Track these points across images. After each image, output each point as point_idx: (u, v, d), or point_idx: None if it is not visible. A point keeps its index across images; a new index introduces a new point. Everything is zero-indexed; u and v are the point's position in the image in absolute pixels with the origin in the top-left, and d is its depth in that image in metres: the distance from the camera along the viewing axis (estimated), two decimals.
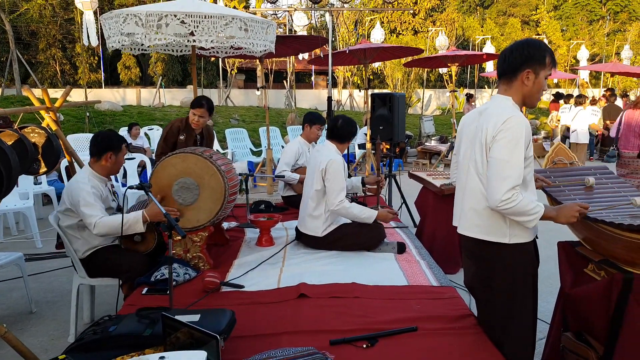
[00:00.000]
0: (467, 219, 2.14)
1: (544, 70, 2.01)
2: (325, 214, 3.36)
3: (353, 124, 3.57)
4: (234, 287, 2.74)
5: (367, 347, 2.10)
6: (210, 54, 5.62)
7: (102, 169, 3.12)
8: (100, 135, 3.18)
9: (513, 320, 2.11)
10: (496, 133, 1.93)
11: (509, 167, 1.90)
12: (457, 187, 2.29)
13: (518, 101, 2.06)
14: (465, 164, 2.15)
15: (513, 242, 2.04)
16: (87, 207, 2.85)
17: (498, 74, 2.12)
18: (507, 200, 1.88)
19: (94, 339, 1.94)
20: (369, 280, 2.81)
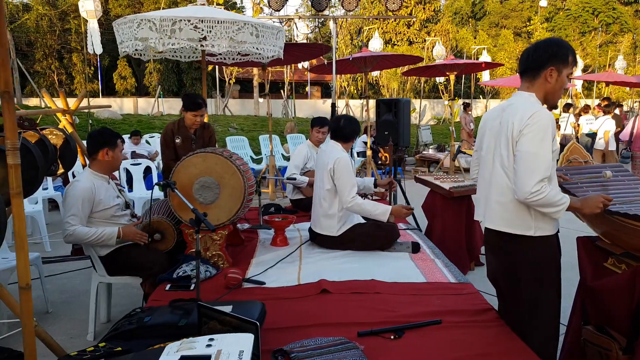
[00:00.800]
0: (492, 213, 2.20)
1: (566, 68, 2.08)
2: (339, 213, 3.40)
3: (355, 122, 3.61)
4: (255, 283, 2.78)
5: (394, 338, 2.14)
6: (218, 60, 5.68)
7: (101, 167, 3.16)
8: (94, 133, 3.23)
9: (538, 312, 2.15)
10: (523, 127, 1.99)
11: (538, 160, 1.95)
12: (480, 182, 2.34)
13: (540, 98, 2.12)
14: (490, 159, 2.21)
15: (538, 235, 2.09)
16: (69, 210, 2.93)
17: (520, 72, 2.18)
18: (536, 192, 1.94)
19: (129, 329, 1.97)
20: (387, 278, 2.85)
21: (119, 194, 3.24)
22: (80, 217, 2.93)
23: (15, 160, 1.56)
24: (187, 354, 1.39)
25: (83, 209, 2.94)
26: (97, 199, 3.01)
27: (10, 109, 1.51)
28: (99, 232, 2.93)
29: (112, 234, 2.96)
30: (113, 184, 3.24)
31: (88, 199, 2.96)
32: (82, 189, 2.96)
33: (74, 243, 3.01)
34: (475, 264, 4.67)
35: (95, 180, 3.06)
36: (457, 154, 4.79)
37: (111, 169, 3.22)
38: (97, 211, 3.02)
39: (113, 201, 3.12)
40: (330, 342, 1.95)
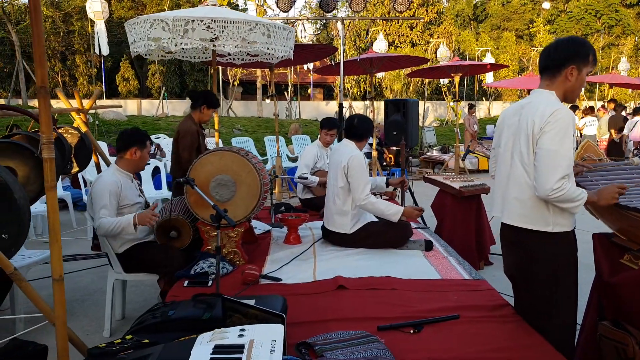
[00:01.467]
0: (510, 209, 2.22)
1: (586, 67, 2.11)
2: (352, 211, 3.43)
3: (369, 121, 3.65)
4: (272, 279, 2.80)
5: (413, 332, 2.17)
6: (227, 60, 5.71)
7: (127, 165, 3.21)
8: (126, 131, 3.30)
9: (555, 307, 2.18)
10: (544, 125, 2.02)
11: (559, 157, 1.98)
12: (497, 179, 2.37)
13: (560, 96, 2.15)
14: (508, 156, 2.24)
15: (556, 231, 2.12)
16: (98, 203, 2.97)
17: (540, 69, 2.22)
18: (557, 189, 1.97)
19: (154, 322, 2.00)
20: (402, 274, 2.88)
21: (140, 194, 3.28)
22: (109, 209, 2.97)
23: (50, 154, 1.59)
24: (220, 343, 1.42)
25: (111, 202, 2.98)
26: (122, 194, 3.05)
27: (46, 104, 1.54)
28: (116, 221, 2.94)
29: (128, 220, 2.96)
30: (136, 183, 3.27)
31: (115, 193, 3.01)
32: (109, 182, 3.00)
33: (101, 235, 3.02)
34: (484, 263, 4.69)
35: (120, 177, 3.11)
36: (466, 154, 4.81)
37: (136, 168, 3.27)
38: (122, 206, 3.06)
39: (136, 199, 3.16)
40: (352, 336, 1.98)
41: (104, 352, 1.75)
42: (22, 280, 2.23)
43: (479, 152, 8.15)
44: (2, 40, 19.73)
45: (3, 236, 2.33)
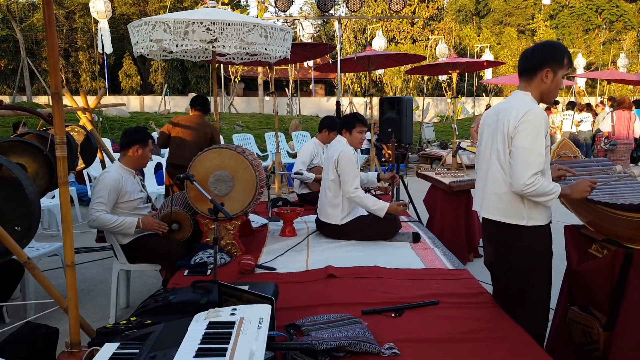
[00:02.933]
0: (488, 203, 2.39)
1: (562, 70, 2.25)
2: (342, 203, 3.61)
3: (352, 114, 3.82)
4: (267, 269, 2.99)
5: (395, 316, 2.35)
6: (227, 59, 5.89)
7: (129, 162, 3.40)
8: (130, 130, 3.48)
9: (528, 296, 2.33)
10: (518, 124, 2.17)
11: (532, 155, 2.14)
12: (478, 175, 2.53)
13: (536, 97, 2.29)
14: (487, 154, 2.40)
15: (530, 225, 2.27)
16: (95, 197, 3.16)
17: (519, 72, 2.36)
18: (530, 184, 2.13)
19: (156, 306, 2.18)
20: (389, 264, 3.06)
21: (142, 189, 3.47)
22: (106, 204, 3.15)
23: (63, 153, 1.78)
24: (214, 320, 1.60)
25: (109, 198, 3.17)
26: (123, 190, 3.23)
27: (60, 108, 1.72)
28: (120, 221, 3.15)
29: (132, 223, 3.18)
30: (138, 179, 3.46)
31: (115, 189, 3.19)
32: (111, 179, 3.19)
33: (97, 228, 3.23)
34: (474, 255, 4.87)
35: (123, 173, 3.30)
36: (457, 150, 4.97)
37: (138, 165, 3.46)
38: (122, 202, 3.25)
39: (137, 194, 3.35)
40: (337, 318, 2.17)
41: (111, 331, 1.94)
42: (34, 269, 2.41)
43: (474, 148, 8.29)
44: (6, 37, 19.96)
45: (16, 228, 2.52)
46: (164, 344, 1.60)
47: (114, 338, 1.85)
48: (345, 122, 3.75)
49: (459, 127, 14.70)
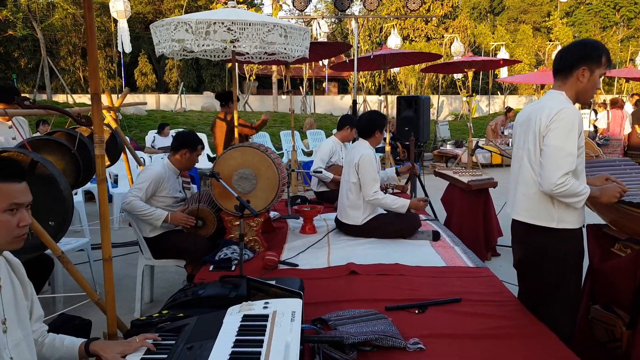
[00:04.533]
0: (518, 205, 2.38)
1: (599, 68, 2.20)
2: (364, 205, 3.66)
3: (375, 118, 3.81)
4: (289, 265, 3.05)
5: (418, 312, 2.39)
6: (246, 59, 5.95)
7: (176, 162, 3.52)
8: (181, 134, 3.62)
9: (557, 300, 2.31)
10: (550, 123, 2.15)
11: (564, 154, 2.11)
12: (511, 177, 2.51)
13: (572, 97, 2.26)
14: (519, 154, 2.39)
15: (560, 227, 2.25)
16: (138, 182, 3.28)
17: (554, 72, 2.34)
18: (560, 184, 2.10)
19: (186, 300, 2.25)
20: (410, 262, 3.10)
21: (182, 190, 3.56)
22: (143, 193, 3.28)
23: (102, 152, 1.84)
24: (248, 313, 1.66)
25: (149, 188, 3.29)
26: (164, 185, 3.37)
27: (99, 108, 1.79)
28: (151, 210, 3.25)
29: (161, 215, 3.27)
30: (181, 179, 3.56)
31: (156, 182, 3.32)
32: (156, 172, 3.33)
33: (128, 212, 3.31)
34: (491, 254, 4.88)
35: (168, 170, 3.43)
36: (475, 149, 4.98)
37: (184, 167, 3.60)
38: (160, 195, 3.37)
39: (175, 193, 3.47)
40: (362, 313, 2.21)
41: (145, 323, 2.00)
42: (68, 263, 2.50)
43: (492, 147, 8.29)
44: (25, 37, 20.29)
45: (50, 223, 2.61)
46: (199, 335, 1.66)
47: (148, 330, 1.92)
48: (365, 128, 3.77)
49: (474, 126, 14.64)
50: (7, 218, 1.42)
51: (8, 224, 1.42)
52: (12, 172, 1.45)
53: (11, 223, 1.43)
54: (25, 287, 1.64)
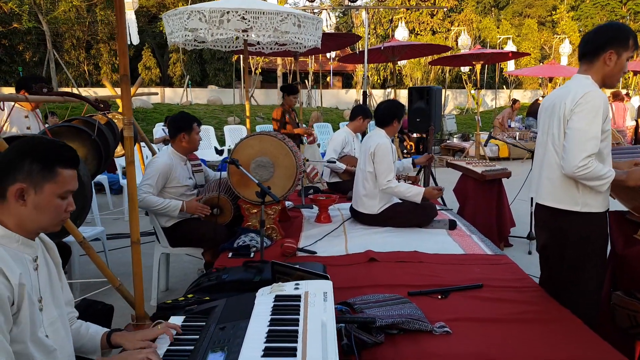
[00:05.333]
0: (542, 189, 2.38)
1: (626, 51, 2.18)
2: (380, 194, 3.65)
3: (395, 106, 3.80)
4: (308, 252, 3.05)
5: (441, 298, 2.39)
6: (257, 49, 5.94)
7: (179, 148, 3.48)
8: (173, 118, 3.55)
9: (580, 285, 2.31)
10: (575, 106, 2.14)
11: (587, 136, 2.10)
12: (534, 162, 2.51)
13: (598, 80, 2.24)
14: (543, 139, 2.38)
15: (585, 211, 2.24)
16: (146, 177, 3.25)
17: (579, 56, 2.31)
18: (583, 166, 2.09)
19: (210, 284, 2.25)
20: (428, 250, 3.09)
21: (192, 176, 3.55)
22: (154, 187, 3.24)
23: (130, 134, 1.84)
24: (280, 294, 1.66)
25: (158, 181, 3.26)
26: (172, 175, 3.32)
27: (128, 89, 1.79)
28: (166, 203, 3.24)
29: (177, 206, 3.27)
30: (189, 165, 3.54)
31: (164, 174, 3.28)
32: (162, 163, 3.28)
33: (143, 209, 3.31)
34: (504, 244, 4.88)
35: (174, 158, 3.39)
36: (488, 140, 4.96)
37: (189, 150, 3.54)
38: (170, 187, 3.34)
39: (185, 181, 3.44)
40: (387, 298, 2.21)
41: (172, 306, 2.01)
42: (89, 248, 2.51)
43: (500, 139, 8.27)
44: (29, 30, 20.27)
45: None
46: (231, 316, 1.66)
47: (176, 313, 1.92)
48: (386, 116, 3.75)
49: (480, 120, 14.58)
50: (59, 202, 1.45)
51: (59, 208, 1.46)
52: (73, 159, 1.48)
53: (61, 208, 1.46)
54: (58, 268, 1.65)
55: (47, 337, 1.47)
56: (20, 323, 1.36)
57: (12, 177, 1.39)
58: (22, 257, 1.44)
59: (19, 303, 1.35)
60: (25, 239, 1.46)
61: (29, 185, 1.40)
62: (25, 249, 1.46)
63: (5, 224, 1.42)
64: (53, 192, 1.43)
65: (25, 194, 1.40)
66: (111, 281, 2.53)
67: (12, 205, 1.40)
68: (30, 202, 1.41)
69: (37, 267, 1.50)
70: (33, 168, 1.40)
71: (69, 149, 1.49)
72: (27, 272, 1.42)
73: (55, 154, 1.44)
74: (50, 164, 1.42)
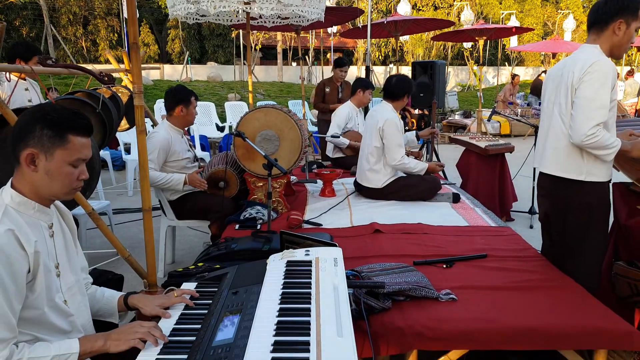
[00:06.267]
0: (547, 158, 2.40)
1: (635, 21, 2.18)
2: (384, 168, 3.67)
3: (407, 81, 3.80)
4: (313, 224, 3.08)
5: (446, 267, 2.43)
6: (259, 23, 5.88)
7: (176, 121, 3.46)
8: (171, 90, 3.52)
9: (582, 253, 2.35)
10: (583, 75, 2.14)
11: (595, 105, 2.11)
12: (539, 132, 2.52)
13: (606, 50, 2.24)
14: (550, 108, 2.39)
15: (589, 180, 2.27)
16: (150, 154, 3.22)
17: (588, 25, 2.30)
18: (591, 135, 2.11)
19: (219, 253, 2.29)
20: (432, 222, 3.13)
21: (190, 148, 3.55)
22: (155, 163, 3.25)
23: (141, 102, 1.85)
24: (292, 259, 1.69)
25: (159, 157, 3.26)
26: (172, 149, 3.33)
27: (137, 58, 1.79)
28: (168, 177, 3.26)
29: (180, 180, 3.29)
30: (186, 138, 3.54)
31: (164, 148, 3.28)
32: (161, 138, 3.27)
33: None
34: (506, 219, 4.92)
35: (171, 133, 3.38)
36: (491, 115, 4.96)
37: (185, 123, 3.52)
38: (171, 160, 3.35)
39: (185, 154, 3.44)
40: (394, 266, 2.25)
41: (183, 274, 2.05)
42: (98, 219, 2.53)
43: (504, 115, 8.25)
44: (25, 5, 20.00)
45: None
46: (243, 282, 1.70)
47: (187, 280, 1.96)
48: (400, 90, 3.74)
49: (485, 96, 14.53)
50: (71, 170, 1.45)
51: (71, 175, 1.46)
52: (86, 127, 1.48)
53: (73, 175, 1.46)
54: (73, 235, 1.68)
55: (65, 303, 1.50)
56: (36, 290, 1.39)
57: (24, 142, 1.40)
58: (38, 223, 1.46)
59: (35, 271, 1.38)
60: (41, 205, 1.47)
61: (40, 151, 1.40)
62: (41, 215, 1.48)
63: (21, 190, 1.43)
64: (64, 159, 1.43)
65: (37, 159, 1.40)
66: (120, 252, 2.57)
67: (25, 170, 1.42)
68: (42, 168, 1.41)
69: (52, 233, 1.52)
70: (44, 134, 1.40)
71: (82, 117, 1.49)
72: (42, 239, 1.45)
73: (67, 120, 1.44)
74: (61, 130, 1.42)
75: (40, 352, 1.34)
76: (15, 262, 1.31)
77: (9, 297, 1.28)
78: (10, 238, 1.32)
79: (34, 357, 1.32)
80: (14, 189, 1.43)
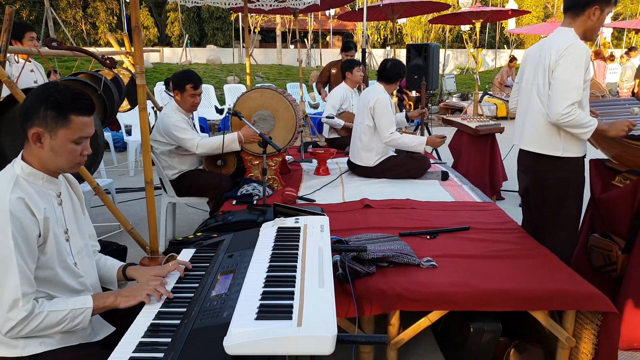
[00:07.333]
0: (526, 136, 2.55)
1: (608, 7, 2.34)
2: (376, 147, 3.81)
3: (401, 66, 3.95)
4: (307, 200, 3.24)
5: (430, 238, 2.58)
6: (256, 7, 5.97)
7: (185, 104, 3.53)
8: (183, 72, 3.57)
9: (559, 224, 2.52)
10: (559, 58, 2.30)
11: (570, 85, 2.27)
12: (518, 111, 2.68)
13: (580, 34, 2.39)
14: (528, 89, 2.54)
15: (565, 156, 2.43)
16: (183, 133, 3.32)
17: (564, 8, 2.45)
18: (567, 114, 2.26)
19: (217, 224, 2.44)
20: (420, 198, 3.28)
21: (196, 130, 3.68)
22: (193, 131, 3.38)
23: (143, 82, 1.98)
24: (282, 226, 1.84)
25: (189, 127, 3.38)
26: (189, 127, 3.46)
27: (139, 40, 1.92)
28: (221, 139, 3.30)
29: (233, 137, 3.34)
30: (191, 121, 3.66)
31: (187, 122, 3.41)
32: (181, 119, 3.36)
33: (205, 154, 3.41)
34: (496, 198, 5.06)
35: (179, 114, 3.43)
36: (483, 96, 5.07)
37: (185, 107, 3.45)
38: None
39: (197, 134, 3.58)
40: (379, 236, 2.41)
41: (182, 242, 2.20)
42: (102, 194, 2.68)
43: (497, 97, 8.34)
44: None
45: None
46: (237, 247, 1.85)
47: (187, 246, 2.11)
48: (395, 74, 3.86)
49: (480, 79, 14.55)
50: (74, 147, 1.56)
51: (74, 152, 1.57)
52: (87, 106, 1.57)
53: (76, 152, 1.57)
54: (82, 203, 1.82)
55: (75, 265, 1.66)
56: (47, 253, 1.53)
57: (30, 122, 1.52)
58: (47, 193, 1.60)
59: (45, 235, 1.52)
60: (49, 176, 1.61)
61: (45, 130, 1.51)
62: (50, 185, 1.61)
63: (31, 162, 1.57)
64: (67, 138, 1.53)
65: (42, 137, 1.52)
66: (123, 225, 2.72)
67: (33, 147, 1.54)
68: (47, 145, 1.53)
69: (61, 202, 1.66)
70: (48, 114, 1.50)
71: (84, 97, 1.59)
72: (51, 207, 1.59)
73: (69, 101, 1.53)
74: (63, 111, 1.52)
75: (59, 306, 1.49)
76: (27, 226, 1.45)
77: (24, 257, 1.43)
78: (21, 205, 1.45)
79: (54, 309, 1.48)
80: (25, 161, 1.57)
